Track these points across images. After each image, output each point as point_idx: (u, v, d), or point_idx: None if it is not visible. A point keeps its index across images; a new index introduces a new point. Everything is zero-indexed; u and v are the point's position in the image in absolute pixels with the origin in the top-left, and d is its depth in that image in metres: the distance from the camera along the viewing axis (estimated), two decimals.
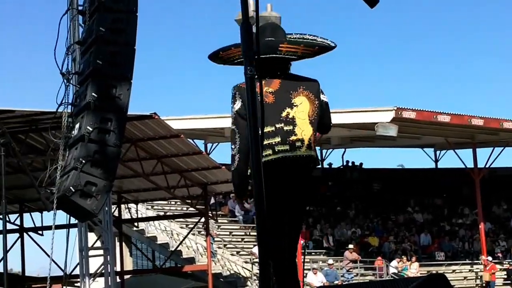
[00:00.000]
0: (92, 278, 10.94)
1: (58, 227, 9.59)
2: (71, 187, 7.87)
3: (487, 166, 29.64)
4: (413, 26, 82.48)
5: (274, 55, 4.88)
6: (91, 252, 11.29)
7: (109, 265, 10.94)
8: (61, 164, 8.28)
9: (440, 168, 37.21)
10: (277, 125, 4.84)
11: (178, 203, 28.22)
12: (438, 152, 37.13)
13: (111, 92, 8.21)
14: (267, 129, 4.78)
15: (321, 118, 5.01)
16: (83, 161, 7.93)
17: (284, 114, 4.86)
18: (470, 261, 29.78)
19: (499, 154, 29.50)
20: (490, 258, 28.11)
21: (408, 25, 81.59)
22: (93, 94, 8.05)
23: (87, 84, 8.25)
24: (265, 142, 4.76)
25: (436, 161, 37.54)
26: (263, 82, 4.75)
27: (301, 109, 4.88)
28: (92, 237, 16.12)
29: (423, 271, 26.14)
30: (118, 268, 17.44)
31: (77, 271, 16.78)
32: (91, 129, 7.99)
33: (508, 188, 34.55)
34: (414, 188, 34.63)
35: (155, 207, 28.33)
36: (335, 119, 24.37)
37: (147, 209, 27.37)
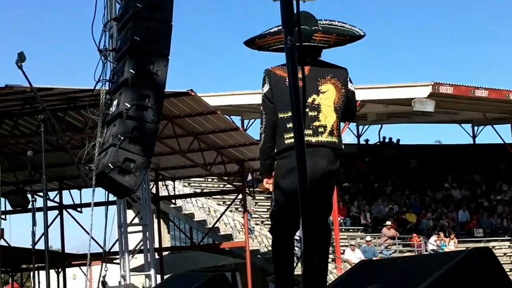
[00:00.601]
0: (131, 255, 10.99)
1: (97, 204, 9.62)
2: (109, 164, 7.89)
3: None
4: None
5: (307, 44, 4.95)
6: (129, 229, 11.33)
7: (148, 242, 10.98)
8: (100, 141, 8.30)
9: (478, 144, 36.82)
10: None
11: (215, 180, 28.29)
12: (476, 128, 36.73)
13: (148, 68, 8.20)
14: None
15: (347, 107, 5.07)
16: (122, 138, 7.94)
17: (310, 100, 4.94)
18: (509, 238, 29.46)
19: None
20: None
21: None
22: (130, 70, 8.05)
23: (124, 60, 8.24)
24: (289, 125, 4.85)
25: (474, 136, 37.13)
26: None
27: (326, 96, 4.96)
28: (130, 214, 16.30)
29: (461, 248, 25.91)
30: (156, 245, 17.51)
31: (115, 248, 17.03)
32: (129, 105, 8.00)
33: None
34: (451, 164, 34.32)
35: (192, 184, 28.41)
36: (372, 95, 24.17)
37: (184, 186, 27.49)
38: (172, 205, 27.23)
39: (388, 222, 27.48)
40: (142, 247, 11.23)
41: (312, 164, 4.78)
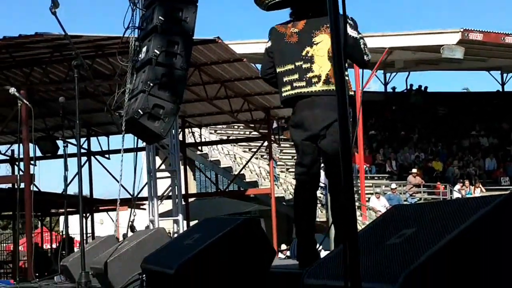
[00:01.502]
0: (160, 200, 11.17)
1: (126, 150, 9.76)
2: (139, 110, 7.98)
3: None
4: None
5: None
6: (157, 175, 11.50)
7: (176, 187, 11.15)
8: (129, 88, 8.39)
9: (507, 92, 36.53)
10: (297, 63, 5.10)
11: (241, 127, 28.44)
12: (505, 75, 36.40)
13: (177, 15, 8.23)
14: (288, 67, 5.14)
15: (349, 55, 5.03)
16: (151, 84, 8.02)
17: (304, 52, 5.10)
18: None
19: None
20: None
21: None
22: (159, 17, 8.07)
23: (153, 7, 8.28)
24: (285, 79, 5.15)
25: (503, 84, 36.81)
26: (290, 24, 5.22)
27: (320, 47, 5.06)
28: (157, 160, 16.46)
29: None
30: (182, 191, 17.76)
31: (142, 194, 17.29)
32: (158, 52, 8.04)
33: None
34: (479, 112, 34.13)
35: (218, 132, 28.60)
36: (400, 41, 23.93)
37: (210, 133, 27.67)
38: (198, 152, 27.47)
39: (414, 170, 27.52)
40: (170, 193, 11.41)
41: (312, 114, 5.03)
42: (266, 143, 22.85)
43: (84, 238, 7.33)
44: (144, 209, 20.48)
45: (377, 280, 2.39)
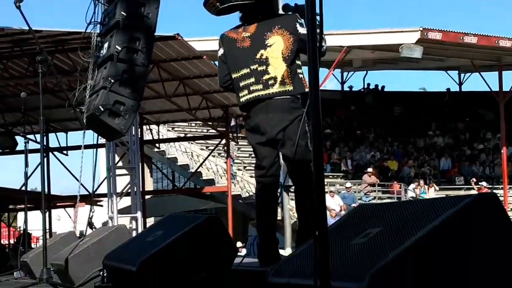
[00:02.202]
0: (119, 197, 11.16)
1: (86, 147, 9.73)
2: (100, 106, 7.94)
3: None
4: None
5: (231, 3, 5.17)
6: (116, 172, 11.46)
7: (135, 184, 11.14)
8: (90, 84, 8.35)
9: (464, 91, 37.03)
10: (252, 67, 5.16)
11: (199, 125, 28.42)
12: (462, 75, 36.89)
13: (139, 11, 8.20)
14: (243, 71, 5.19)
15: (304, 51, 5.11)
16: (112, 81, 7.98)
17: (258, 55, 5.15)
18: (490, 186, 29.84)
19: None
20: (484, 184, 27.85)
21: None
22: (122, 13, 8.03)
23: (116, 2, 8.23)
24: (242, 83, 5.20)
25: (460, 84, 37.32)
26: (241, 29, 5.27)
27: (274, 49, 5.11)
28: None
29: (441, 196, 26.28)
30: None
31: (100, 190, 17.18)
32: (120, 48, 8.00)
33: None
34: (436, 112, 34.56)
35: (176, 129, 28.56)
36: (359, 40, 24.12)
37: (168, 130, 27.62)
38: (156, 149, 27.37)
39: (369, 169, 27.81)
40: (129, 190, 11.40)
41: (267, 118, 5.10)
42: (224, 141, 22.88)
43: (44, 234, 7.30)
44: (102, 205, 20.38)
45: (344, 279, 2.43)
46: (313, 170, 2.50)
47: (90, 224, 9.56)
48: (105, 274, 4.86)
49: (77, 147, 20.31)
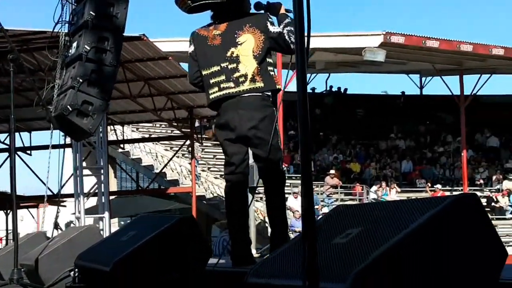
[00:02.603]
0: (86, 197, 11.08)
1: (53, 147, 9.66)
2: (68, 106, 7.87)
3: (473, 93, 29.68)
4: None
5: (203, 1, 5.18)
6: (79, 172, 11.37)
7: (102, 185, 11.08)
8: (58, 83, 8.28)
9: (425, 95, 37.39)
10: (222, 64, 5.17)
11: (163, 126, 28.34)
12: (423, 79, 37.24)
13: (108, 11, 8.15)
14: (214, 68, 5.21)
15: (275, 49, 5.23)
16: (80, 80, 7.92)
17: (229, 53, 5.17)
18: (450, 188, 30.17)
19: (486, 82, 29.54)
20: (439, 186, 28.22)
21: None
22: (90, 12, 7.97)
23: (84, 2, 8.18)
24: (212, 81, 5.20)
25: (421, 87, 37.68)
26: (212, 27, 5.29)
27: (244, 47, 5.14)
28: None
29: (403, 197, 26.50)
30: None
31: (63, 191, 17.02)
32: (88, 48, 7.94)
33: (493, 116, 34.84)
34: (397, 115, 34.86)
35: (140, 130, 28.45)
36: (322, 43, 24.14)
37: (132, 131, 27.49)
38: (120, 150, 27.23)
39: (332, 171, 27.97)
40: (96, 190, 11.33)
41: (237, 115, 5.10)
42: (188, 142, 22.83)
43: (6, 234, 7.22)
44: (65, 206, 20.22)
45: (326, 279, 2.43)
46: (302, 171, 2.50)
47: (55, 225, 9.51)
48: (76, 274, 4.82)
49: (44, 147, 20.13)
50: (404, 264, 2.50)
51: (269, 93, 5.17)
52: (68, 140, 10.34)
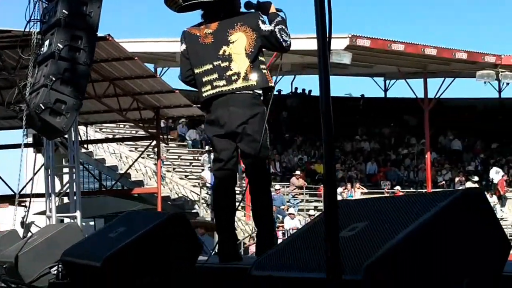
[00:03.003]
0: (57, 197, 11.05)
1: (26, 145, 9.63)
2: (40, 105, 7.89)
3: (436, 96, 30.02)
4: None
5: (193, 1, 5.23)
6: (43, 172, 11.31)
7: (74, 184, 11.05)
8: (30, 82, 8.27)
9: (389, 98, 37.73)
10: (215, 63, 5.21)
11: (127, 126, 28.25)
12: (388, 82, 37.58)
13: (81, 9, 8.18)
14: (206, 67, 5.24)
15: (267, 47, 5.29)
16: (53, 79, 7.94)
17: (221, 52, 5.21)
18: (414, 190, 30.45)
19: (449, 85, 29.87)
20: (399, 188, 28.49)
21: None
22: (63, 11, 7.99)
23: (57, 1, 8.20)
24: (205, 79, 5.24)
25: (386, 90, 38.01)
26: (203, 26, 5.32)
27: (236, 45, 5.18)
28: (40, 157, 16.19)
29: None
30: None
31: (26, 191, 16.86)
32: (61, 46, 7.97)
33: (456, 119, 35.33)
34: (362, 117, 35.14)
35: (104, 130, 28.27)
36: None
37: (96, 131, 27.30)
38: (83, 150, 27.02)
39: (297, 172, 28.12)
40: (68, 190, 11.30)
41: (227, 112, 5.14)
42: (154, 143, 22.77)
43: None
44: (25, 206, 20.03)
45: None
46: (325, 171, 2.59)
47: (22, 224, 9.48)
48: (60, 271, 4.84)
49: (13, 146, 19.93)
50: (413, 257, 2.54)
51: (260, 92, 5.22)
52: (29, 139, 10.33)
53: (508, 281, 3.00)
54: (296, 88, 37.41)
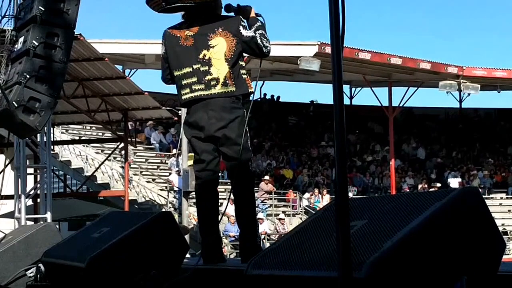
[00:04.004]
0: (27, 198, 10.80)
1: None
2: (14, 102, 7.69)
3: (401, 105, 30.31)
4: None
5: (176, 4, 5.20)
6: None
7: (45, 185, 10.82)
8: (3, 79, 8.06)
9: (354, 105, 37.91)
10: (194, 66, 5.17)
11: (94, 128, 27.92)
12: (353, 89, 37.75)
13: (58, 6, 7.99)
14: (186, 70, 5.21)
15: (247, 52, 5.25)
16: (28, 76, 7.75)
17: (201, 55, 5.17)
18: (378, 196, 30.56)
19: (413, 94, 30.23)
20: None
21: None
22: (40, 7, 7.81)
23: None
24: (184, 82, 5.21)
25: (351, 97, 38.18)
26: (184, 27, 5.28)
27: (216, 50, 5.14)
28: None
29: None
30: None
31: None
32: (37, 43, 7.79)
33: (419, 127, 35.69)
34: (328, 123, 35.21)
35: (70, 131, 27.88)
36: None
37: (62, 133, 26.89)
38: None
39: (266, 177, 28.09)
40: (38, 191, 11.06)
41: (206, 116, 5.11)
42: (121, 145, 22.51)
43: None
44: None
45: (336, 268, 2.42)
46: (337, 176, 2.70)
47: None
48: (35, 273, 4.67)
49: None
50: (414, 254, 2.53)
51: (240, 96, 5.17)
52: None
53: (504, 279, 3.03)
54: (265, 94, 37.42)
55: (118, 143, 22.71)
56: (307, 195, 28.18)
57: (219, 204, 5.38)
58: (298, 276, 2.66)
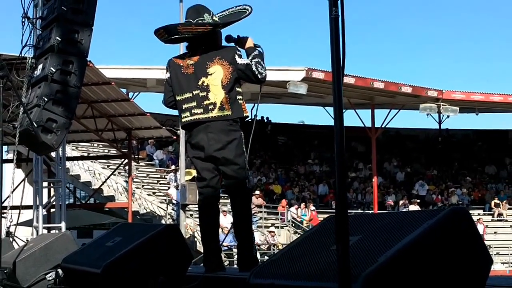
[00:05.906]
0: (44, 209, 10.94)
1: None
2: (33, 123, 7.85)
3: (383, 126, 30.40)
4: None
5: (176, 36, 5.32)
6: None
7: (60, 197, 10.97)
8: (24, 102, 8.21)
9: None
10: (194, 92, 5.29)
11: (101, 145, 28.02)
12: None
13: (74, 37, 8.17)
14: (187, 95, 5.31)
15: (244, 79, 5.38)
16: (46, 99, 7.91)
17: (200, 82, 5.28)
18: (362, 211, 30.67)
19: (394, 116, 30.28)
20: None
21: None
22: (57, 38, 7.99)
23: (51, 28, 8.17)
24: (184, 106, 5.32)
25: None
26: (186, 56, 5.40)
27: (214, 77, 5.25)
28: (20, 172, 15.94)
29: (320, 218, 26.90)
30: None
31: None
32: (54, 70, 7.95)
33: (399, 147, 35.80)
34: (314, 143, 35.39)
35: (80, 149, 28.04)
36: None
37: (72, 149, 27.05)
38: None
39: (257, 192, 28.16)
40: (54, 202, 11.19)
41: (206, 138, 5.22)
42: (125, 161, 22.63)
43: None
44: (4, 217, 19.71)
45: (335, 280, 2.46)
46: (337, 185, 2.64)
47: (8, 233, 9.36)
48: (53, 277, 4.78)
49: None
50: (406, 269, 2.56)
51: (238, 119, 5.29)
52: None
53: None
54: (255, 116, 37.52)
55: (123, 159, 22.78)
56: (293, 209, 28.30)
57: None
58: (299, 286, 2.70)
